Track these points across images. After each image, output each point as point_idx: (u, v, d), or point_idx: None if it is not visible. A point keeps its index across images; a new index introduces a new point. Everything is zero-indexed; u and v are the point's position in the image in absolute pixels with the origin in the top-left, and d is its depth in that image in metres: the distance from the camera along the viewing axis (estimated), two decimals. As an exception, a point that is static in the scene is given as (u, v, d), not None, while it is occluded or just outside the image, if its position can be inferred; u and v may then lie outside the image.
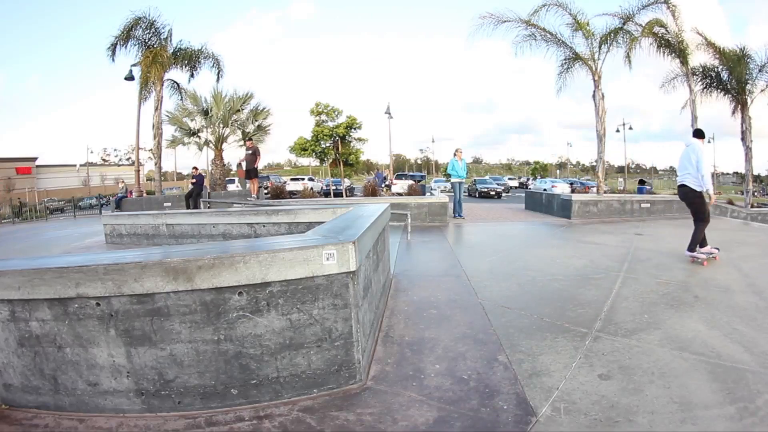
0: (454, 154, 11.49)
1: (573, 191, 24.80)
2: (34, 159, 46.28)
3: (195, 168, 15.98)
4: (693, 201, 5.45)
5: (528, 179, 57.31)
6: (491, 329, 3.29)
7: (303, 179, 33.75)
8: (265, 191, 17.39)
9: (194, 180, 14.52)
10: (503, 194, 31.48)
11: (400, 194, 18.99)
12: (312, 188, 22.63)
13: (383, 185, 21.23)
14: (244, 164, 13.25)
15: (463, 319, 3.52)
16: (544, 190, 26.69)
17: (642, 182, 23.68)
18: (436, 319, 3.51)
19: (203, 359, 2.26)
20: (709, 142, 28.68)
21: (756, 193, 24.14)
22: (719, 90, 16.92)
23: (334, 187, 24.87)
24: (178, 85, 20.36)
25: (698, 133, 5.58)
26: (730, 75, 16.46)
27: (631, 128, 41.36)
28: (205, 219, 6.87)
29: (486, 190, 31.64)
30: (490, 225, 10.33)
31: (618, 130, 40.46)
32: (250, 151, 13.14)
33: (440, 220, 10.39)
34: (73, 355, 2.27)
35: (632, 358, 2.78)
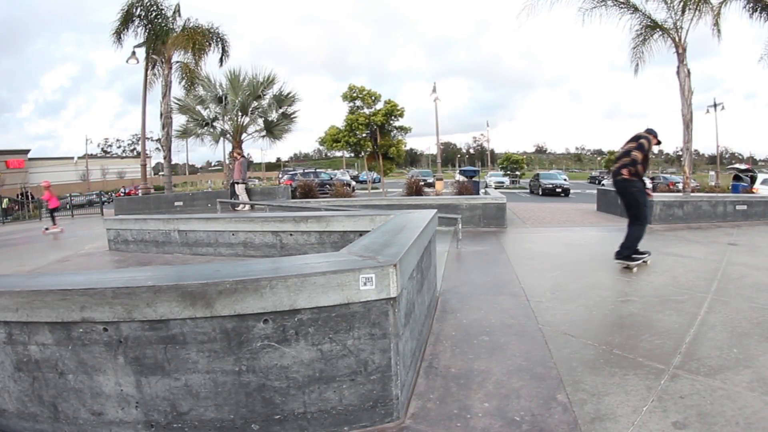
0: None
1: (655, 188, 23.34)
2: (27, 151, 45.74)
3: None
4: None
5: (601, 173, 54.70)
6: (551, 362, 3.26)
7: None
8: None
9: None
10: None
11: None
12: (350, 183, 22.19)
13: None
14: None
15: (518, 348, 3.50)
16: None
17: (737, 177, 20.00)
18: (488, 348, 3.51)
19: (222, 391, 2.31)
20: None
21: None
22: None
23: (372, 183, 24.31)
24: (189, 68, 19.82)
25: None
26: None
27: (723, 108, 38.28)
28: (223, 225, 6.75)
29: (551, 186, 30.54)
30: (555, 231, 10.09)
31: (708, 111, 37.78)
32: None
33: (497, 224, 10.24)
34: (76, 383, 2.34)
35: (714, 403, 2.67)
